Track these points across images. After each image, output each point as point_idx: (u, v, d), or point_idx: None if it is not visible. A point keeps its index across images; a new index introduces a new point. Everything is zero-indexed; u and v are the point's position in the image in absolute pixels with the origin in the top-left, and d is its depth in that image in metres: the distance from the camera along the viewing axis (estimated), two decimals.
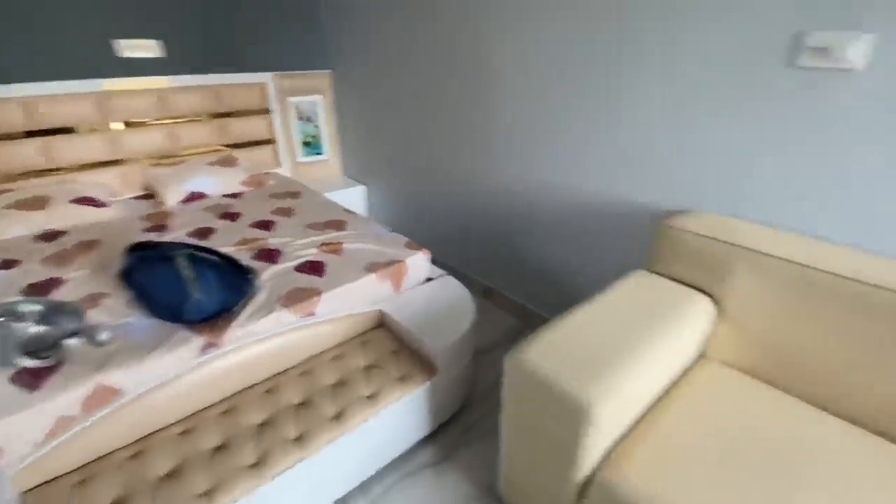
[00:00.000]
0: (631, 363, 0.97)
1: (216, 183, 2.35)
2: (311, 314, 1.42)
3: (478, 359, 1.85)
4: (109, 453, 1.12)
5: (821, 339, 1.06)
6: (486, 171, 2.08)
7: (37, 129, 2.11)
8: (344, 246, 1.74)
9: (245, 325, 1.29)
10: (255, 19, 2.56)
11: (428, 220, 2.59)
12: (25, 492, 1.02)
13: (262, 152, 2.83)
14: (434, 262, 1.85)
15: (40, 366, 1.08)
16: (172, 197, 2.23)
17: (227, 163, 2.51)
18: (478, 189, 2.17)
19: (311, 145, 3.02)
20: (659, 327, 1.09)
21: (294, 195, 2.35)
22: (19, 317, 1.10)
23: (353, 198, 2.99)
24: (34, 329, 1.09)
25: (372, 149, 2.85)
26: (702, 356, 1.28)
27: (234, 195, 2.35)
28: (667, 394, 1.13)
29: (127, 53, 2.24)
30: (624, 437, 1.01)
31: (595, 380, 0.91)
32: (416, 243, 1.77)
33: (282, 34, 2.69)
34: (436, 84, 2.17)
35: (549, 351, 1.00)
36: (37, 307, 1.13)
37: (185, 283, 1.22)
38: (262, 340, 1.32)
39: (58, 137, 2.17)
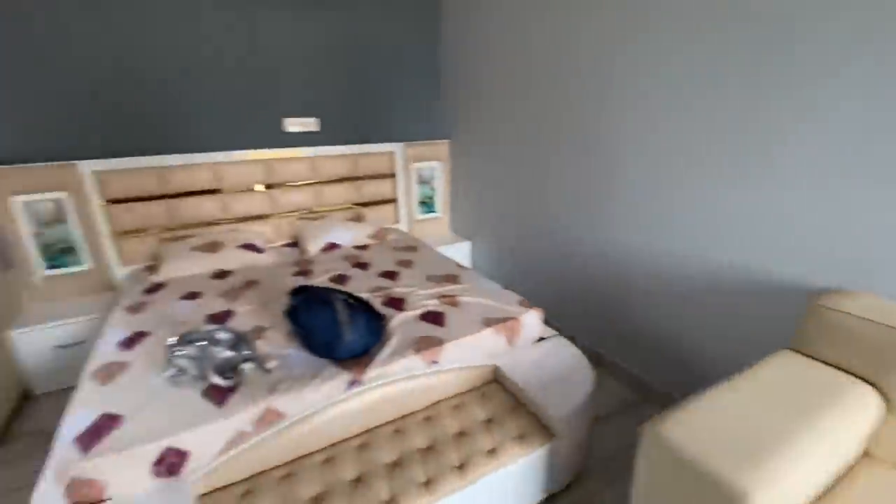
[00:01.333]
0: (789, 451, 0.90)
1: (348, 236, 2.67)
2: (435, 362, 1.52)
3: (592, 428, 1.79)
4: (266, 470, 1.27)
5: None
6: (604, 235, 2.10)
7: (217, 188, 2.59)
8: (460, 299, 1.86)
9: (382, 366, 1.42)
10: (388, 99, 2.99)
11: (534, 279, 2.64)
12: (201, 496, 1.20)
13: (385, 210, 3.16)
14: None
15: (225, 385, 1.30)
16: (313, 246, 2.57)
17: (358, 219, 2.86)
18: (592, 252, 2.19)
19: (427, 205, 3.30)
20: (816, 415, 1.00)
21: (412, 249, 2.57)
22: (215, 342, 1.34)
23: (459, 253, 3.16)
24: (226, 353, 1.32)
25: (480, 207, 3.03)
26: (866, 454, 1.13)
27: (362, 247, 2.64)
28: (826, 494, 1.02)
29: (291, 129, 2.71)
30: None
31: (752, 465, 0.86)
32: (528, 301, 1.83)
33: (408, 112, 3.09)
34: (552, 148, 2.30)
35: (694, 428, 0.97)
36: (228, 335, 1.37)
37: (341, 325, 1.40)
38: (393, 382, 1.44)
39: (235, 195, 2.64)
